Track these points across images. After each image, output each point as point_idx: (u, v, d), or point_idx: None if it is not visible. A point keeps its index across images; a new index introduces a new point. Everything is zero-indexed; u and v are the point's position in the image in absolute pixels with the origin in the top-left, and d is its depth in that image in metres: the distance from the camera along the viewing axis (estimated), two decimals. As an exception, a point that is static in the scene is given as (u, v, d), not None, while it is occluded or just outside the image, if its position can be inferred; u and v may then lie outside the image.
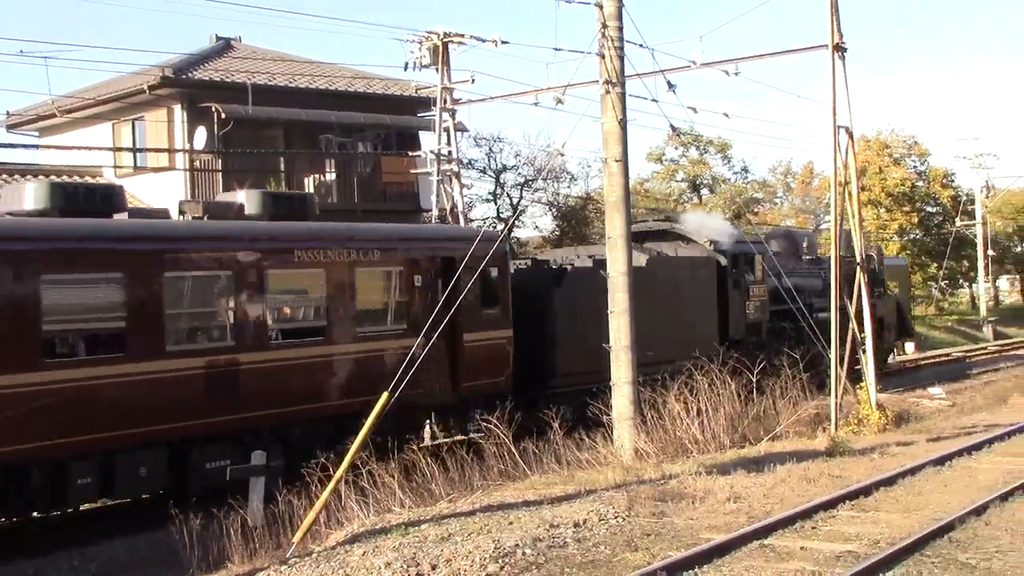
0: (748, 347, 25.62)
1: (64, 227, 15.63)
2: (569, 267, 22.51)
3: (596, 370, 19.18)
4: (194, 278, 16.75)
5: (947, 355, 43.67)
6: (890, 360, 35.43)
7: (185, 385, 15.91)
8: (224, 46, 35.09)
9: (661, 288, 23.72)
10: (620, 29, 17.86)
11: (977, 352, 45.70)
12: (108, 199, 16.89)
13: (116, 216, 16.71)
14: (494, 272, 20.40)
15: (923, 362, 39.00)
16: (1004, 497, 13.63)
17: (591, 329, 19.98)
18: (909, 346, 39.51)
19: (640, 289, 21.69)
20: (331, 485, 12.53)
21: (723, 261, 26.17)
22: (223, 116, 29.29)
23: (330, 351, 17.80)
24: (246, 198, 18.78)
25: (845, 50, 21.31)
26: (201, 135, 30.04)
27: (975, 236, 62.04)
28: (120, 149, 32.17)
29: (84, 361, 15.10)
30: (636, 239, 24.76)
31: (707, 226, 28.40)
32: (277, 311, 17.65)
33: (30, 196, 16.17)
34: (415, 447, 15.72)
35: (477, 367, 20.02)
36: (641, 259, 23.91)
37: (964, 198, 63.88)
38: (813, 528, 12.35)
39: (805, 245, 31.12)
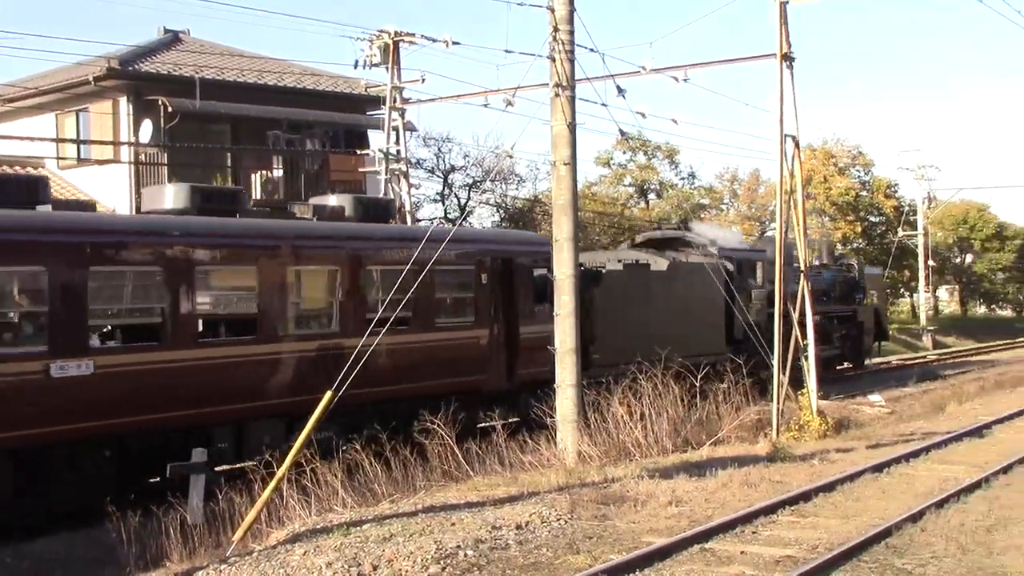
0: (749, 346, 26.83)
1: (210, 225, 17.52)
2: (602, 269, 24.92)
3: (629, 360, 20.80)
4: (310, 272, 19.03)
5: (887, 363, 44.23)
6: (867, 361, 38.94)
7: (300, 365, 17.84)
8: (172, 39, 34.77)
9: (679, 290, 26.77)
10: (571, 33, 17.87)
11: (917, 361, 46.33)
12: (234, 199, 19.12)
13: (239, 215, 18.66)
14: (544, 272, 21.61)
15: (863, 372, 39.40)
16: (940, 504, 13.82)
17: (623, 323, 22.88)
18: None
19: (661, 290, 26.16)
20: (273, 483, 12.42)
21: (730, 267, 28.19)
22: (170, 109, 29.02)
23: (415, 339, 19.72)
24: (342, 201, 20.86)
25: (793, 59, 21.50)
26: (147, 128, 29.72)
27: (916, 246, 62.91)
28: (64, 140, 31.78)
29: (225, 342, 17.41)
30: (652, 245, 29.18)
31: (716, 235, 31.18)
32: (373, 301, 19.17)
33: (171, 196, 18.07)
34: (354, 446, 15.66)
35: (531, 357, 21.66)
36: (663, 263, 27.16)
37: (907, 209, 64.77)
38: (753, 533, 12.44)
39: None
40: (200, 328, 17.20)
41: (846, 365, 37.01)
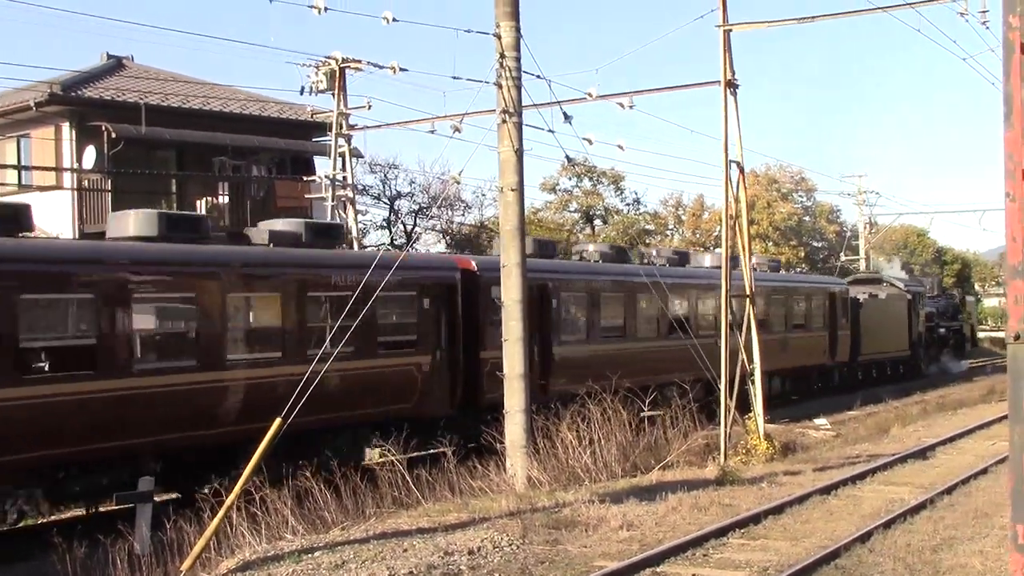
0: (917, 348, 47.95)
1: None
2: (862, 297, 42.72)
3: (876, 351, 42.71)
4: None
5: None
6: (962, 362, 54.12)
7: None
8: (115, 64, 34.50)
9: (889, 311, 45.01)
10: (518, 60, 17.92)
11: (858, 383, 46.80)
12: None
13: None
14: (845, 297, 40.56)
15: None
16: (887, 525, 13.98)
17: (872, 331, 41.79)
18: None
19: (882, 310, 44.12)
20: (221, 511, 12.30)
21: (909, 297, 47.05)
22: (113, 135, 28.74)
23: (800, 335, 36.37)
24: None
25: (737, 87, 21.72)
26: (90, 154, 29.42)
27: (858, 271, 63.60)
28: (4, 166, 31.38)
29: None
30: (858, 283, 45.83)
31: (894, 273, 50.89)
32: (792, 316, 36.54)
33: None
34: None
35: (840, 348, 39.40)
36: (883, 294, 45.29)
37: (848, 233, 65.50)
38: (704, 556, 12.50)
39: (928, 287, 52.78)
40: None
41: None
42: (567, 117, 20.54)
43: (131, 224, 17.73)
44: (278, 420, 12.61)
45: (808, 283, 39.18)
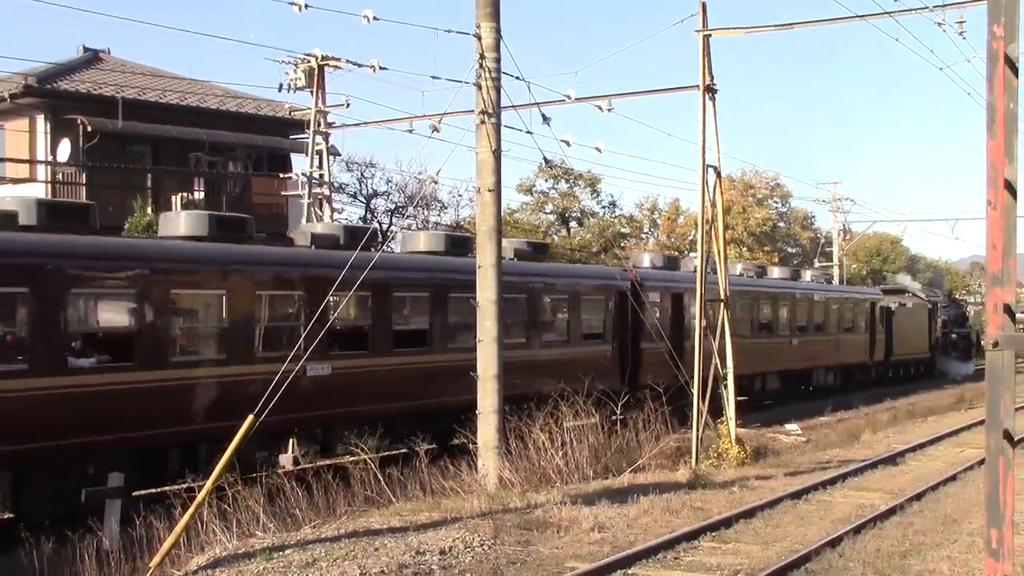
0: (935, 350, 55.38)
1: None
2: (893, 306, 49.33)
3: (904, 353, 49.95)
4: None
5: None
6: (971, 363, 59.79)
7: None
8: (92, 57, 34.33)
9: (914, 318, 51.86)
10: (498, 60, 17.90)
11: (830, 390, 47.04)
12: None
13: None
14: (880, 305, 47.48)
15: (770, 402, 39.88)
16: (857, 530, 14.05)
17: (901, 335, 48.76)
18: None
19: (910, 317, 51.07)
20: (192, 508, 12.21)
21: (929, 306, 54.49)
22: (89, 129, 28.60)
23: (846, 338, 43.26)
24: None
25: (715, 91, 21.79)
26: (65, 147, 29.27)
27: (832, 277, 63.94)
28: (-22, 158, 31.15)
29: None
30: (887, 293, 51.98)
31: (916, 286, 58.12)
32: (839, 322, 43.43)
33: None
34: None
35: (879, 349, 46.79)
36: (910, 303, 52.21)
37: (822, 240, 65.81)
38: (675, 558, 12.54)
39: (941, 296, 60.49)
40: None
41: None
42: (545, 119, 20.56)
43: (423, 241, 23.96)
44: (250, 417, 12.54)
45: (855, 293, 47.33)
